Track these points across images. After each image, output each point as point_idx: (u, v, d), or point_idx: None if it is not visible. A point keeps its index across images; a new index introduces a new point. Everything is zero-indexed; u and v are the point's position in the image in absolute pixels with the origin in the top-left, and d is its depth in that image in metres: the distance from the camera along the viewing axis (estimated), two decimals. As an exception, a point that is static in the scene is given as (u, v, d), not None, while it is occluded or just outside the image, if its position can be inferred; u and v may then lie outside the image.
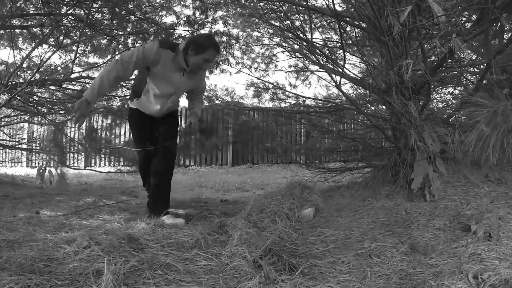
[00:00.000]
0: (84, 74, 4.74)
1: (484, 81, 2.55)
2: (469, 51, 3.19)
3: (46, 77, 4.15)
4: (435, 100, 3.67)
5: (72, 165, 4.75)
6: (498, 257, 1.50)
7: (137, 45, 5.24)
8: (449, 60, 2.68)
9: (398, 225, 1.90)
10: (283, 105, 4.58)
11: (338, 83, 2.20)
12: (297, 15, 3.53)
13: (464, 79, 2.95)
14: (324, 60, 2.70)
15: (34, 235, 1.94)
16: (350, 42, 3.21)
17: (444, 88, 3.56)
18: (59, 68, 5.26)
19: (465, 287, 1.17)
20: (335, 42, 3.79)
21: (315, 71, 4.28)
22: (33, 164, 8.41)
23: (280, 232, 1.72)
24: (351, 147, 3.59)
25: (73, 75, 4.55)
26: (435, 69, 2.61)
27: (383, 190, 2.69)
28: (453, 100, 3.52)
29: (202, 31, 4.98)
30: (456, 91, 3.28)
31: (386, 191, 2.66)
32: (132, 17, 4.94)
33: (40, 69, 4.04)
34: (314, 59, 2.86)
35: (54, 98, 5.34)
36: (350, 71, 3.55)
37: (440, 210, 2.18)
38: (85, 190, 4.39)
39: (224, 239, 1.74)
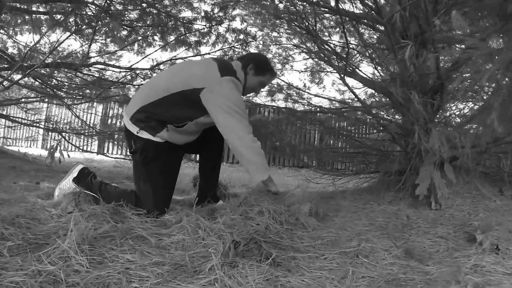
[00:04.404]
0: (100, 60, 4.70)
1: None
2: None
3: (61, 60, 4.12)
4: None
5: (83, 148, 4.73)
6: (504, 271, 1.30)
7: (155, 37, 5.20)
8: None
9: (396, 229, 1.72)
10: (296, 105, 4.42)
11: (342, 76, 2.02)
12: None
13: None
14: (331, 54, 2.52)
15: (27, 198, 1.97)
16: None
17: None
18: (79, 55, 5.28)
19: (461, 299, 0.99)
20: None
21: (330, 72, 4.12)
22: (48, 146, 8.52)
23: (267, 224, 1.56)
24: (359, 150, 3.41)
25: (91, 62, 4.54)
26: (450, 71, 2.41)
27: (387, 195, 2.50)
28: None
29: (220, 28, 4.89)
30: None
31: (390, 197, 2.47)
32: (153, 10, 4.89)
33: (54, 51, 4.01)
34: (322, 55, 2.68)
35: (73, 83, 5.36)
36: (362, 72, 3.37)
37: (445, 218, 1.99)
38: (92, 173, 4.34)
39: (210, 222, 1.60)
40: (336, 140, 3.92)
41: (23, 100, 5.46)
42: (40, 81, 5.06)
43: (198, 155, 2.36)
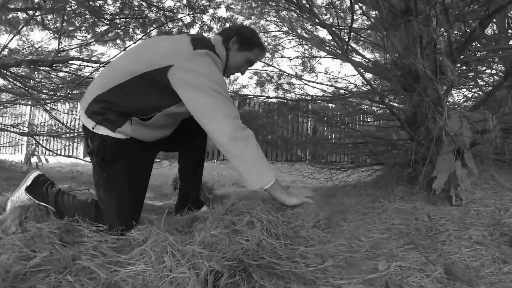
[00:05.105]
0: (76, 55, 4.27)
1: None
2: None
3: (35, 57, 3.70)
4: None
5: (59, 153, 4.32)
6: None
7: (137, 31, 4.79)
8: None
9: (422, 236, 1.35)
10: (288, 95, 4.05)
11: (345, 50, 1.63)
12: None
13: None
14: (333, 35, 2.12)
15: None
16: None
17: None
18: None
19: None
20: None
21: (323, 57, 3.76)
22: (30, 152, 8.09)
23: (259, 239, 1.17)
24: (359, 140, 3.03)
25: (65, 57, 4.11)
26: (463, 45, 2.03)
27: (397, 190, 2.12)
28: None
29: (204, 17, 4.49)
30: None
31: (401, 192, 2.09)
32: (134, 2, 4.50)
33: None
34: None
35: (53, 83, 4.94)
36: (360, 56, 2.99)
37: (472, 216, 1.62)
38: (72, 178, 3.92)
39: (183, 240, 1.19)
40: (333, 130, 3.54)
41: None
42: (16, 82, 4.64)
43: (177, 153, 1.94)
